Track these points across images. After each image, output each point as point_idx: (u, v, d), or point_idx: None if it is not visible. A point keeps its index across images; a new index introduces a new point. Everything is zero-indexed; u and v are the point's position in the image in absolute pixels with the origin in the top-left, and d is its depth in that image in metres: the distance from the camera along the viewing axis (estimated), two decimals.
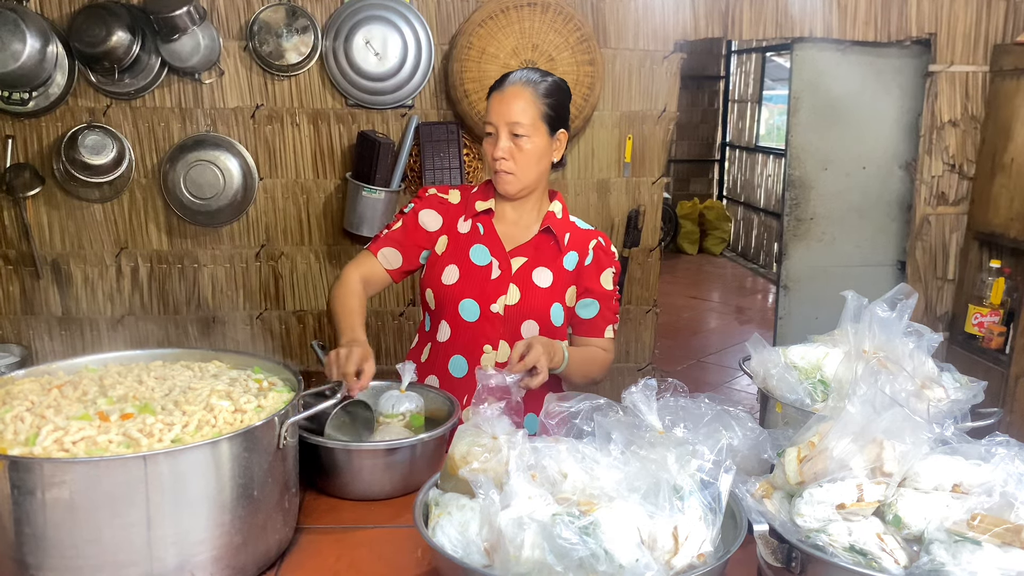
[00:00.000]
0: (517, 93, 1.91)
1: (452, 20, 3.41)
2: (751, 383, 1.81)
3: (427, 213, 2.06)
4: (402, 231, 2.05)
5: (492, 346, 2.00)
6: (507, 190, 1.97)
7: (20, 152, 3.34)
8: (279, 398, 1.48)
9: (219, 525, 1.29)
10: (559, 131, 1.97)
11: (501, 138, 1.91)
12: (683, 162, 10.34)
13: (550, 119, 1.94)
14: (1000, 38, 3.62)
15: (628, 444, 1.28)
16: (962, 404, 1.57)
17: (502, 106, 1.91)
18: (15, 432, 1.29)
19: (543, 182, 2.03)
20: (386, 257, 2.04)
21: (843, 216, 3.96)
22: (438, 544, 1.18)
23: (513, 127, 1.90)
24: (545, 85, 1.94)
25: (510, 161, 1.92)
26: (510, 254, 2.00)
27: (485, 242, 2.01)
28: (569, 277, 2.02)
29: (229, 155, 3.39)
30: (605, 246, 2.07)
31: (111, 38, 3.12)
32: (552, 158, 2.00)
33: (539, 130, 1.92)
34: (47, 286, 3.48)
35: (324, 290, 3.62)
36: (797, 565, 1.18)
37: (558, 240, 2.02)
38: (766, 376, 1.67)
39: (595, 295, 2.04)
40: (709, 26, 3.54)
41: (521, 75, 1.94)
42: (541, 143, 1.94)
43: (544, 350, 1.74)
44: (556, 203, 2.06)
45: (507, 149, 1.91)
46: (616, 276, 2.08)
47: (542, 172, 1.99)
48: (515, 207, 2.04)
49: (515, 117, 1.90)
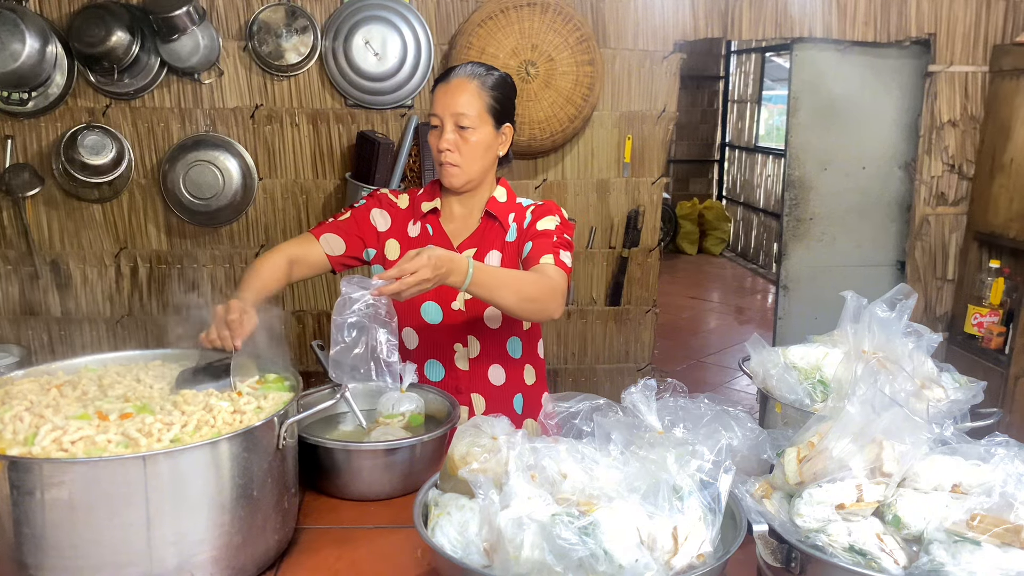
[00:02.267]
0: (462, 85, 1.90)
1: (452, 20, 3.41)
2: (751, 383, 1.81)
3: (378, 212, 2.04)
4: (349, 221, 2.02)
5: (461, 343, 2.00)
6: (452, 183, 1.95)
7: (20, 152, 3.34)
8: (279, 398, 1.48)
9: (218, 525, 1.29)
10: (504, 125, 1.96)
11: (446, 130, 1.89)
12: (683, 162, 10.34)
13: (496, 112, 1.92)
14: (1000, 38, 3.62)
15: (628, 444, 1.28)
16: (962, 404, 1.57)
17: (447, 97, 1.90)
18: (14, 432, 1.29)
19: (489, 176, 2.00)
20: (328, 242, 1.99)
21: (843, 216, 3.96)
22: (438, 544, 1.18)
23: (459, 119, 1.88)
24: (491, 78, 1.93)
25: (455, 153, 1.90)
26: (459, 248, 1.98)
27: (435, 242, 1.97)
28: (515, 248, 1.99)
29: (228, 155, 3.39)
30: (543, 204, 2.02)
31: (111, 38, 3.12)
32: (498, 152, 1.98)
33: (485, 122, 1.91)
34: (46, 286, 3.48)
35: (324, 291, 3.62)
36: (797, 565, 1.18)
37: (501, 221, 1.99)
38: (766, 376, 1.67)
39: (530, 237, 1.96)
40: (709, 26, 3.54)
41: (467, 68, 1.93)
42: (487, 136, 1.92)
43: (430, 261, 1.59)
44: (500, 189, 2.03)
45: (452, 141, 1.89)
46: (562, 226, 1.97)
47: (488, 165, 1.97)
48: (462, 202, 2.02)
49: (460, 108, 1.88)
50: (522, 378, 2.07)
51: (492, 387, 2.04)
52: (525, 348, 2.06)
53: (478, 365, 2.02)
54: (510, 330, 2.02)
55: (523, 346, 2.06)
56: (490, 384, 2.03)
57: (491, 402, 2.03)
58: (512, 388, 2.05)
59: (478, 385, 2.03)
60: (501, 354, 2.03)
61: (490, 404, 2.03)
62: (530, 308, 1.80)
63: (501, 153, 2.00)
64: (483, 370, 2.03)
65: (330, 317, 3.41)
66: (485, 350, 2.01)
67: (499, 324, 2.00)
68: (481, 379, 2.03)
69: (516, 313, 1.81)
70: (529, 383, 2.08)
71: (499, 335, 2.01)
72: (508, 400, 2.05)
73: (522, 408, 2.07)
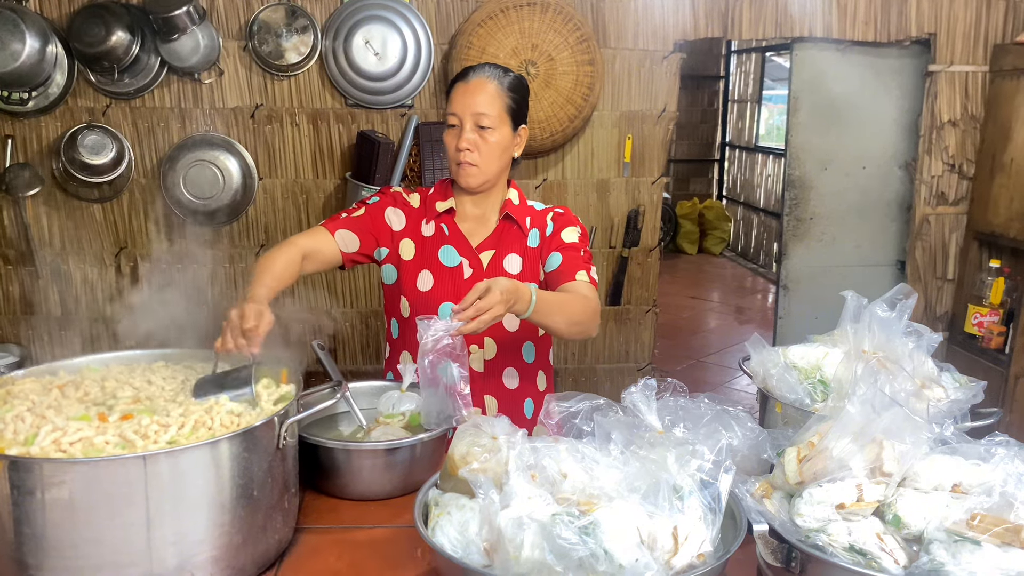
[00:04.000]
0: (483, 85, 1.89)
1: (452, 20, 3.41)
2: (751, 383, 1.81)
3: (392, 211, 2.03)
4: (365, 219, 1.99)
5: (478, 344, 1.99)
6: (469, 183, 1.93)
7: (20, 152, 3.34)
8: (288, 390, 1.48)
9: (219, 525, 1.29)
10: (521, 127, 1.96)
11: (466, 129, 1.88)
12: (683, 162, 10.34)
13: (514, 113, 1.92)
14: (1000, 38, 3.62)
15: (628, 444, 1.28)
16: (962, 404, 1.57)
17: (467, 97, 1.89)
18: (15, 432, 1.29)
19: (503, 177, 2.00)
20: (343, 239, 1.96)
21: (843, 216, 3.96)
22: (438, 544, 1.18)
23: (479, 118, 1.87)
24: (509, 79, 1.93)
25: (475, 153, 1.89)
26: (478, 249, 1.98)
27: (451, 242, 1.98)
28: (536, 255, 1.99)
29: (228, 155, 3.39)
30: (563, 213, 2.03)
31: (111, 38, 3.12)
32: (514, 153, 1.98)
33: (504, 123, 1.90)
34: (47, 286, 3.48)
35: (324, 290, 3.62)
36: (797, 565, 1.18)
37: (519, 224, 1.99)
38: (766, 376, 1.67)
39: (557, 248, 1.97)
40: (709, 26, 3.54)
41: (485, 69, 1.93)
42: (505, 136, 1.92)
43: (502, 296, 1.59)
44: (512, 191, 2.02)
45: (472, 141, 1.88)
46: (583, 237, 2.00)
47: (504, 166, 1.96)
48: (476, 203, 2.01)
49: (481, 108, 1.87)
50: (535, 383, 2.07)
51: (506, 390, 2.03)
52: (538, 354, 2.06)
53: (493, 367, 2.01)
54: (525, 335, 2.02)
55: (536, 351, 2.05)
56: (504, 387, 2.03)
57: (503, 405, 2.02)
58: (524, 392, 2.05)
59: (492, 387, 2.02)
60: (516, 358, 2.03)
61: (502, 407, 2.02)
62: (576, 331, 1.82)
63: (517, 155, 1.99)
64: (497, 373, 2.02)
65: (331, 315, 3.40)
66: (501, 353, 2.01)
67: (516, 328, 1.98)
68: (495, 382, 2.02)
69: (563, 335, 1.83)
70: (541, 389, 2.08)
71: (515, 339, 2.01)
72: (519, 404, 2.04)
73: (532, 413, 2.07)
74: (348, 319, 3.64)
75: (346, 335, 3.66)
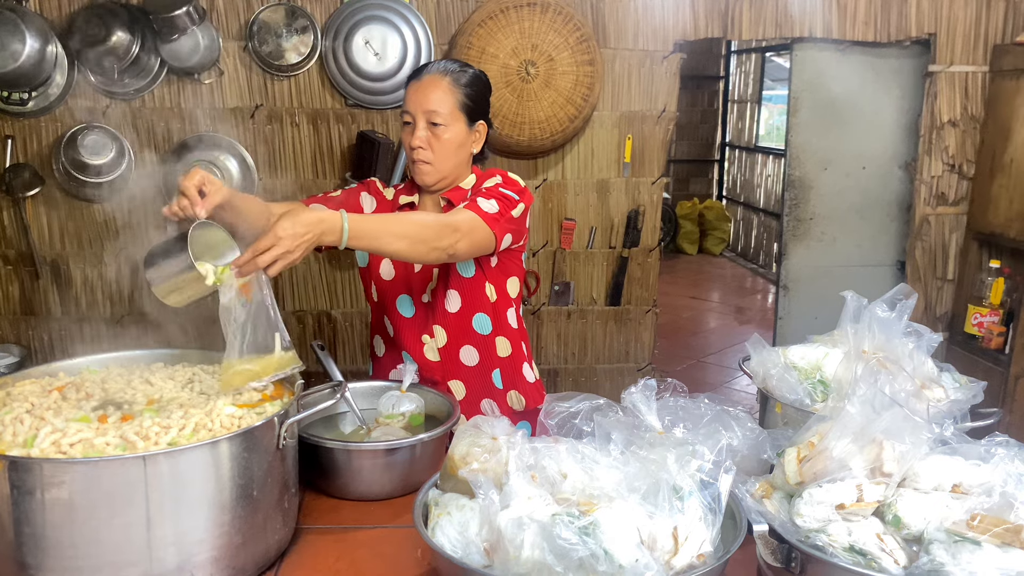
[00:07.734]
0: (434, 82, 1.89)
1: (452, 20, 3.41)
2: (751, 383, 1.81)
3: (367, 196, 2.06)
4: (340, 197, 2.02)
5: (428, 334, 2.00)
6: (424, 180, 1.95)
7: (20, 152, 3.34)
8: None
9: (219, 525, 1.29)
10: (478, 122, 1.95)
11: (418, 127, 1.89)
12: (683, 162, 10.34)
13: (469, 109, 1.92)
14: (1000, 38, 3.62)
15: (628, 444, 1.28)
16: (962, 404, 1.57)
17: (419, 95, 1.89)
18: (14, 434, 1.29)
19: (463, 173, 1.99)
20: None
21: (843, 216, 3.96)
22: (438, 544, 1.18)
23: (430, 116, 1.88)
24: (464, 75, 1.92)
25: (427, 151, 1.90)
26: None
27: None
28: None
29: (229, 155, 3.39)
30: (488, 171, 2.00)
31: (111, 38, 3.12)
32: (471, 149, 1.98)
33: (457, 120, 1.90)
34: (47, 286, 3.48)
35: (324, 291, 3.62)
36: (797, 565, 1.18)
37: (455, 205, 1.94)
38: (766, 376, 1.67)
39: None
40: (709, 26, 3.54)
41: (439, 65, 1.93)
42: (459, 133, 1.91)
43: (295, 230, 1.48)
44: (471, 177, 2.01)
45: (424, 139, 1.89)
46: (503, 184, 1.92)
47: (460, 162, 1.96)
48: (435, 200, 2.01)
49: (432, 106, 1.88)
50: (495, 352, 2.04)
51: (467, 369, 2.03)
52: (494, 322, 2.03)
53: (448, 352, 2.02)
54: (472, 308, 2.00)
55: (491, 320, 2.02)
56: (464, 367, 2.03)
57: (469, 385, 2.03)
58: (487, 365, 2.04)
59: (452, 371, 2.02)
60: (468, 334, 2.02)
61: (469, 387, 2.03)
62: (423, 249, 1.71)
63: (475, 151, 1.99)
64: (454, 355, 2.02)
65: (330, 317, 3.40)
66: (452, 335, 2.01)
67: (459, 306, 1.98)
68: (454, 364, 2.02)
69: (411, 257, 1.74)
70: (504, 355, 2.05)
71: (462, 316, 2.00)
72: (486, 377, 2.04)
73: (502, 382, 2.06)
74: (348, 319, 3.64)
75: (346, 335, 3.66)
